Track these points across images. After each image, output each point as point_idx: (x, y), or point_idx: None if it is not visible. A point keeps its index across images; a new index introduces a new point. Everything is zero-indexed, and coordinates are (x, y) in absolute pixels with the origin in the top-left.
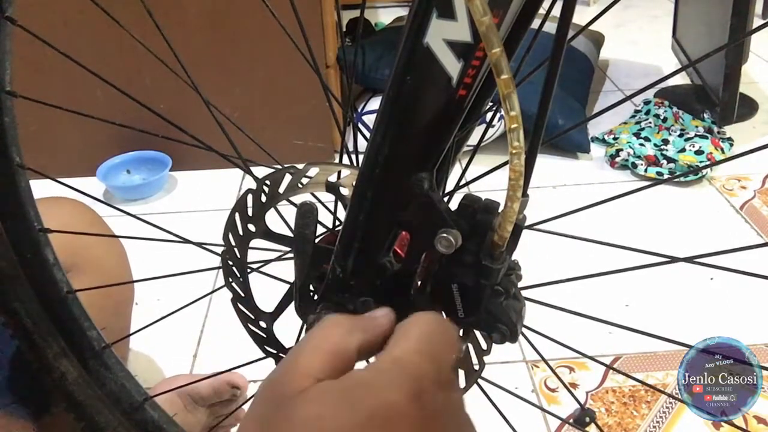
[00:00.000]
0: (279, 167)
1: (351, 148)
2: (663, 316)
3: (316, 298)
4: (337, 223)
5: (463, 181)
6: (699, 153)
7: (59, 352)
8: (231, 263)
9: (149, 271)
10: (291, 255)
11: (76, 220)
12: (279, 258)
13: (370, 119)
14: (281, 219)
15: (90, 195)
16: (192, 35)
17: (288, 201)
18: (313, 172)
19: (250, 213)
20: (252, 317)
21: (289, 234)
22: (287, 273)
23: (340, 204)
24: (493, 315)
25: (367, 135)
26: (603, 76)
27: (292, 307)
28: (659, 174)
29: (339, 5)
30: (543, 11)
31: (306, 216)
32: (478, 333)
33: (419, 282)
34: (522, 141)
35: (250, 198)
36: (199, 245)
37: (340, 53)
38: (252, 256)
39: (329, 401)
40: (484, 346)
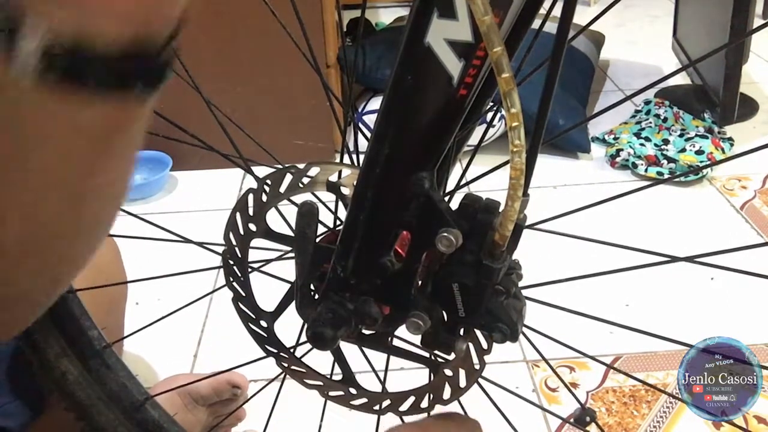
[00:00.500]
0: (280, 167)
1: (352, 147)
2: (663, 316)
3: (316, 297)
4: (338, 223)
5: (464, 181)
6: (699, 153)
7: (60, 351)
8: (232, 263)
9: (149, 271)
10: (292, 254)
11: None
12: (280, 257)
13: (370, 119)
14: (282, 218)
15: None
16: (193, 35)
17: (289, 200)
18: (314, 171)
19: (251, 212)
20: (253, 317)
21: (290, 233)
22: (288, 272)
23: (341, 203)
24: (494, 314)
25: (368, 135)
26: (603, 76)
27: (292, 307)
28: (659, 174)
29: (339, 5)
30: (543, 11)
31: (307, 215)
32: (478, 332)
33: (420, 281)
34: (523, 139)
35: (251, 197)
36: (200, 245)
37: (340, 53)
38: (253, 255)
39: None
40: (484, 345)
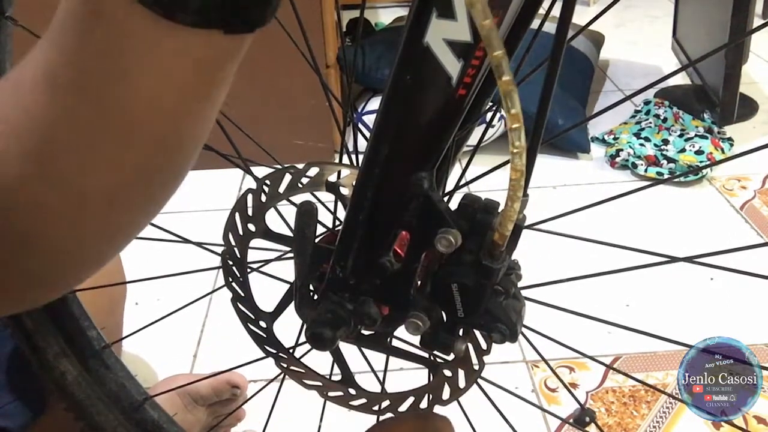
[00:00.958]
0: (279, 167)
1: (351, 147)
2: (663, 316)
3: (316, 297)
4: (337, 223)
5: (463, 181)
6: (699, 153)
7: (59, 351)
8: (231, 263)
9: (149, 271)
10: (291, 255)
11: None
12: (279, 258)
13: (370, 119)
14: (281, 219)
15: None
16: None
17: (288, 201)
18: (313, 171)
19: (250, 213)
20: (252, 317)
21: (289, 234)
22: (287, 273)
23: (340, 204)
24: (493, 315)
25: (367, 135)
26: (603, 76)
27: (292, 307)
28: (659, 174)
29: (339, 5)
30: (543, 11)
31: (306, 216)
32: (477, 333)
33: (419, 281)
34: (523, 141)
35: (250, 198)
36: (199, 245)
37: (340, 53)
38: (252, 255)
39: None
40: (483, 345)
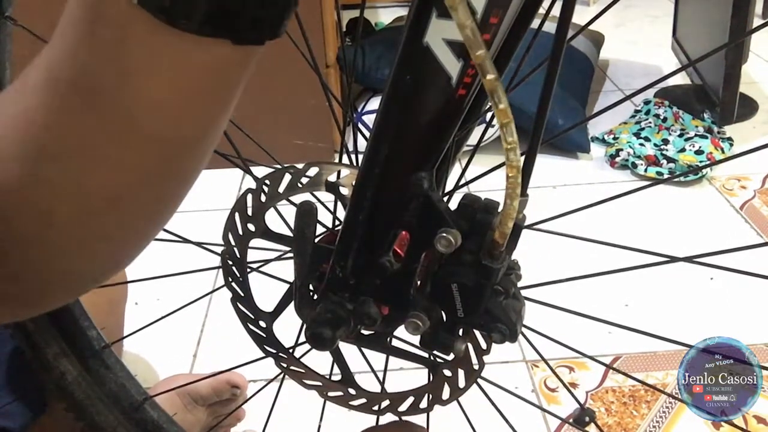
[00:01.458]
0: (279, 167)
1: (351, 147)
2: (663, 316)
3: (315, 297)
4: (337, 223)
5: (463, 181)
6: (699, 153)
7: (59, 351)
8: (231, 263)
9: (149, 271)
10: (291, 255)
11: None
12: (279, 258)
13: (370, 119)
14: (281, 219)
15: None
16: None
17: (288, 201)
18: (313, 171)
19: (249, 213)
20: (252, 317)
21: (289, 233)
22: (287, 273)
23: (339, 204)
24: (493, 315)
25: (367, 135)
26: (603, 76)
27: (291, 307)
28: (659, 174)
29: (339, 5)
30: (543, 11)
31: (306, 216)
32: (477, 333)
33: (419, 281)
34: (515, 136)
35: (249, 198)
36: (199, 245)
37: (340, 53)
38: (252, 255)
39: None
40: (483, 345)
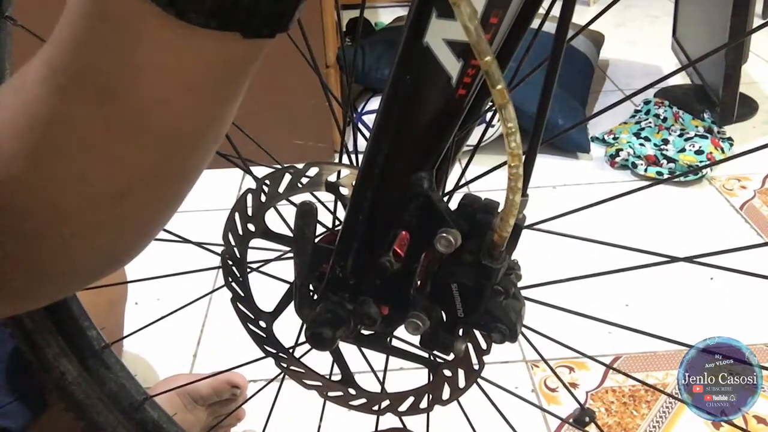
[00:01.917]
0: (279, 167)
1: (351, 147)
2: (663, 316)
3: (315, 297)
4: (337, 223)
5: (463, 181)
6: (699, 153)
7: (59, 351)
8: (231, 263)
9: (149, 271)
10: (290, 255)
11: None
12: (279, 258)
13: (370, 119)
14: (281, 219)
15: None
16: None
17: (288, 201)
18: (313, 171)
19: (249, 213)
20: (252, 317)
21: (289, 234)
22: (287, 273)
23: (339, 204)
24: (493, 315)
25: (367, 135)
26: (603, 76)
27: (291, 307)
28: (659, 174)
29: (339, 5)
30: (543, 11)
31: (306, 216)
32: (477, 333)
33: (419, 282)
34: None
35: (249, 198)
36: (199, 245)
37: (339, 53)
38: (252, 255)
39: None
40: (483, 345)
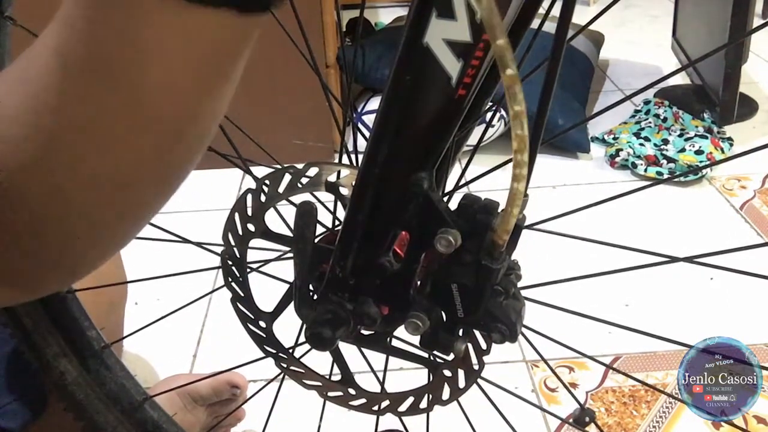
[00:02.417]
0: (279, 167)
1: (351, 147)
2: (663, 316)
3: (315, 298)
4: (337, 223)
5: (463, 181)
6: (699, 153)
7: (59, 351)
8: (231, 263)
9: (149, 271)
10: (290, 255)
11: None
12: (278, 258)
13: (370, 119)
14: (281, 219)
15: None
16: None
17: (288, 201)
18: (313, 171)
19: (249, 213)
20: (251, 317)
21: (289, 234)
22: (287, 273)
23: (339, 204)
24: (493, 315)
25: (367, 135)
26: (603, 76)
27: (291, 307)
28: (659, 174)
29: (339, 5)
30: (543, 11)
31: (305, 216)
32: (477, 333)
33: (419, 282)
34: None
35: (249, 198)
36: (199, 245)
37: (339, 53)
38: (251, 255)
39: None
40: (483, 346)
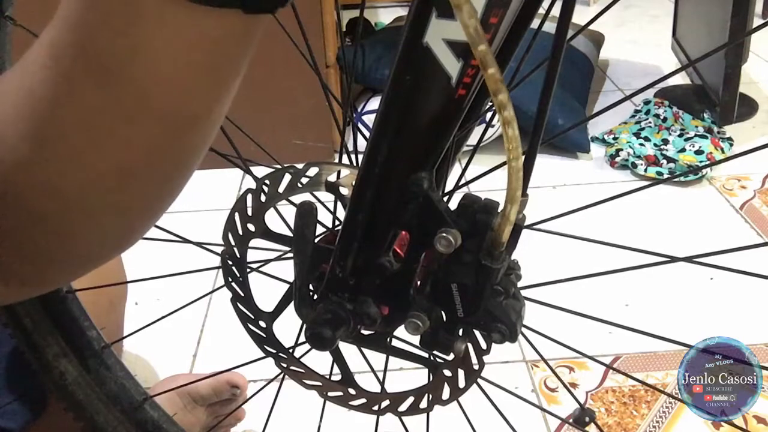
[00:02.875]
0: (279, 167)
1: (351, 147)
2: (663, 316)
3: (315, 297)
4: (337, 223)
5: (463, 181)
6: (699, 153)
7: (59, 351)
8: (231, 263)
9: (149, 271)
10: (290, 255)
11: None
12: (279, 258)
13: (370, 119)
14: (281, 219)
15: None
16: None
17: (288, 201)
18: (313, 171)
19: (249, 213)
20: (252, 317)
21: (289, 234)
22: (287, 273)
23: (339, 204)
24: (493, 315)
25: (367, 135)
26: (603, 76)
27: (291, 307)
28: (659, 174)
29: (339, 5)
30: (543, 11)
31: (305, 216)
32: (477, 333)
33: (419, 281)
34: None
35: (249, 198)
36: (199, 245)
37: (339, 53)
38: (251, 255)
39: None
40: (483, 345)
